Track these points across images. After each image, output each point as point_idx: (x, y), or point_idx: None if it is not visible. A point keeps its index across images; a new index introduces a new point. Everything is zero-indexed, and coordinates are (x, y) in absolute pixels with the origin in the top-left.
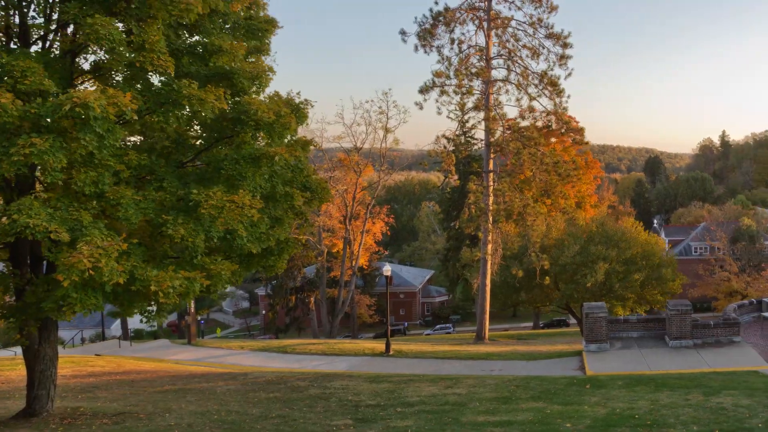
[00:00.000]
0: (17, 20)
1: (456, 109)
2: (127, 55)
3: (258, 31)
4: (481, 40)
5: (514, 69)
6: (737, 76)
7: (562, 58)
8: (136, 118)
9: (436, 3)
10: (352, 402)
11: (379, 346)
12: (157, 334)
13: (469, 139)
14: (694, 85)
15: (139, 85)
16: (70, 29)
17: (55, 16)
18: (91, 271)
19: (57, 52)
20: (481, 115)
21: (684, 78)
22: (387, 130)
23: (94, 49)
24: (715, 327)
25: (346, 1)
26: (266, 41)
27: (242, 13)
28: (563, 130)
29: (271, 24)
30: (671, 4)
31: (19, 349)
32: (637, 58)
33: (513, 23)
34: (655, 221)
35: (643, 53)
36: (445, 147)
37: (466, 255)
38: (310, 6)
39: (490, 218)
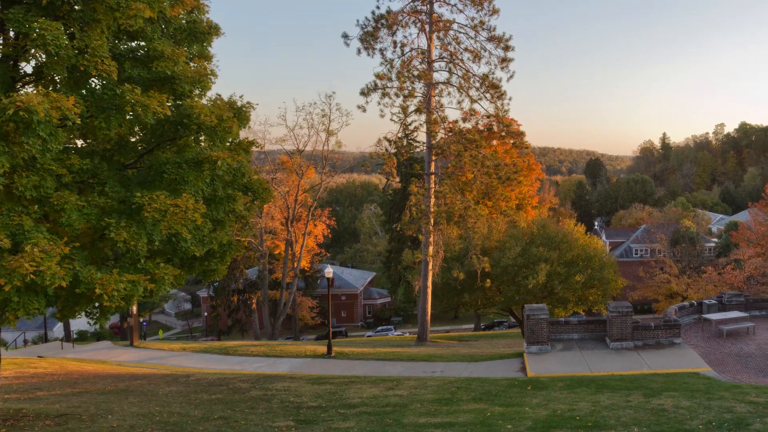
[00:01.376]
0: None
1: (398, 112)
2: (71, 59)
3: (200, 35)
4: (423, 42)
5: (455, 72)
6: (677, 79)
7: (504, 61)
8: (79, 122)
9: (378, 7)
10: (294, 403)
11: (321, 347)
12: (100, 336)
13: (411, 141)
14: (635, 88)
15: (84, 90)
16: (12, 33)
17: None
18: (32, 276)
19: None
20: (423, 117)
21: (624, 81)
22: (329, 133)
23: (37, 53)
24: (656, 329)
25: (290, 4)
26: (208, 47)
27: (184, 19)
28: (504, 133)
29: (213, 30)
30: (615, 6)
31: None
32: (578, 62)
33: (455, 26)
34: (596, 223)
35: (584, 57)
36: (387, 149)
37: (408, 257)
38: (254, 8)
39: (432, 220)
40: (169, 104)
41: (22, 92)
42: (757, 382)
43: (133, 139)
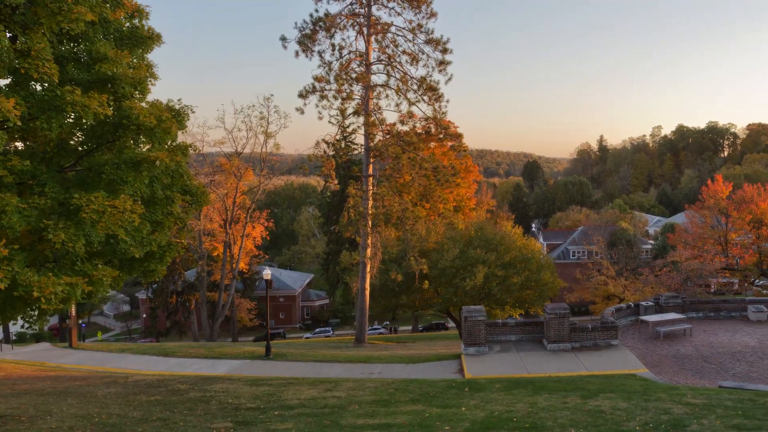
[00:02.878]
0: None
1: (336, 114)
2: (12, 62)
3: (141, 40)
4: (361, 45)
5: (393, 74)
6: (614, 81)
7: (442, 64)
8: (20, 123)
9: (317, 10)
10: (233, 405)
11: (259, 349)
12: (39, 337)
13: (349, 143)
14: (572, 91)
15: (24, 92)
16: None
17: None
18: None
19: None
20: (361, 119)
21: (561, 84)
22: (267, 135)
23: None
24: (593, 330)
25: (228, 9)
26: (147, 53)
27: (127, 24)
28: (442, 135)
29: (155, 38)
30: (553, 9)
31: None
32: (516, 65)
33: (393, 29)
34: (534, 225)
35: (521, 60)
36: (325, 151)
37: (346, 258)
38: (192, 12)
39: (370, 222)
40: (110, 106)
41: None
42: (694, 384)
43: (72, 141)
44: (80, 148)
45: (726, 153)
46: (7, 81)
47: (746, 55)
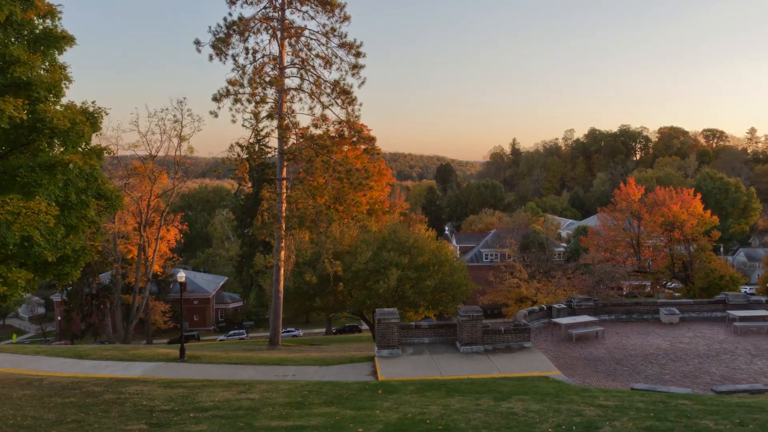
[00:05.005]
0: None
1: (250, 118)
2: None
3: (54, 41)
4: (275, 49)
5: (307, 78)
6: (528, 85)
7: (355, 68)
8: None
9: (231, 14)
10: (147, 407)
11: (174, 351)
12: None
13: (263, 146)
14: (485, 94)
15: None
16: None
17: None
18: None
19: None
20: (275, 123)
21: (475, 87)
22: (181, 138)
23: None
24: (506, 333)
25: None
26: (60, 54)
27: (40, 26)
28: (355, 139)
29: (68, 39)
30: (466, 14)
31: None
32: (429, 68)
33: (306, 32)
34: (447, 228)
35: (434, 63)
36: (238, 155)
37: (260, 261)
38: (106, 15)
39: (284, 225)
40: (25, 109)
41: None
42: (607, 386)
43: None
44: None
45: (638, 156)
46: None
47: (658, 59)
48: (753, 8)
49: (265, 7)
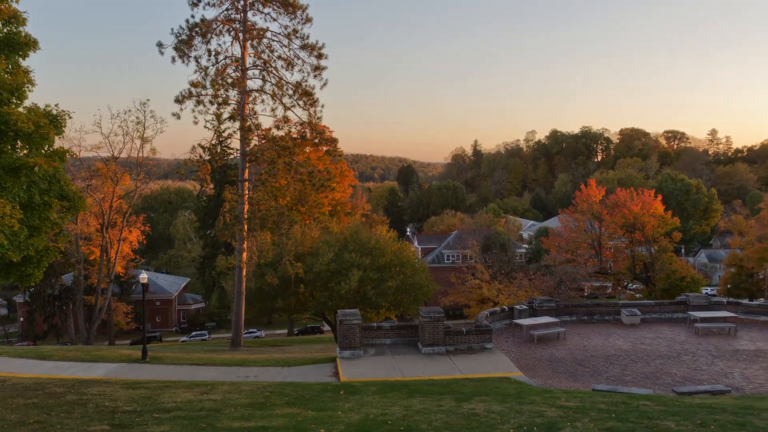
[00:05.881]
0: None
1: (212, 119)
2: None
3: (18, 46)
4: (237, 50)
5: (269, 79)
6: (489, 86)
7: (317, 69)
8: None
9: (193, 16)
10: (109, 408)
11: (136, 352)
12: None
13: (225, 148)
14: (447, 95)
15: None
16: None
17: None
18: None
19: None
20: (237, 124)
21: (436, 88)
22: (144, 140)
23: None
24: (468, 334)
25: (104, 12)
26: (23, 59)
27: (5, 30)
28: (317, 140)
29: (32, 44)
30: (425, 15)
31: None
32: (390, 70)
33: (269, 34)
34: (409, 229)
35: (396, 65)
36: (201, 156)
37: (222, 262)
38: (69, 17)
39: (246, 226)
40: None
41: None
42: (568, 387)
43: None
44: None
45: (600, 158)
46: None
47: (619, 61)
48: (713, 10)
49: (227, 9)
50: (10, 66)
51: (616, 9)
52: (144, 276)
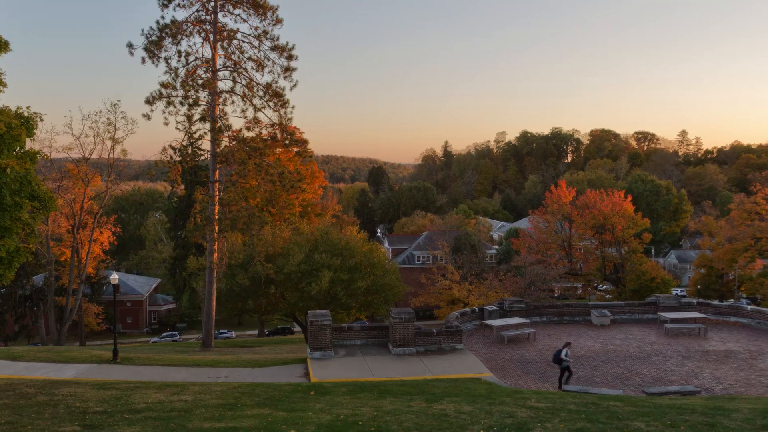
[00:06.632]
0: None
1: (183, 120)
2: None
3: None
4: (207, 52)
5: (240, 80)
6: (459, 88)
7: (287, 70)
8: None
9: (163, 17)
10: (80, 409)
11: (107, 353)
12: None
13: (195, 149)
14: (418, 97)
15: None
16: None
17: None
18: None
19: None
20: (208, 125)
21: (406, 90)
22: (115, 141)
23: None
24: (438, 335)
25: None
26: None
27: None
28: (288, 141)
29: (2, 46)
30: (393, 17)
31: None
32: (359, 71)
33: (239, 35)
34: (379, 230)
35: (365, 66)
36: (171, 157)
37: (193, 263)
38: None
39: (216, 227)
40: None
41: None
42: (538, 388)
43: None
44: None
45: (570, 159)
46: None
47: (589, 62)
48: (684, 12)
49: (197, 10)
50: None
51: (588, 10)
52: (115, 277)
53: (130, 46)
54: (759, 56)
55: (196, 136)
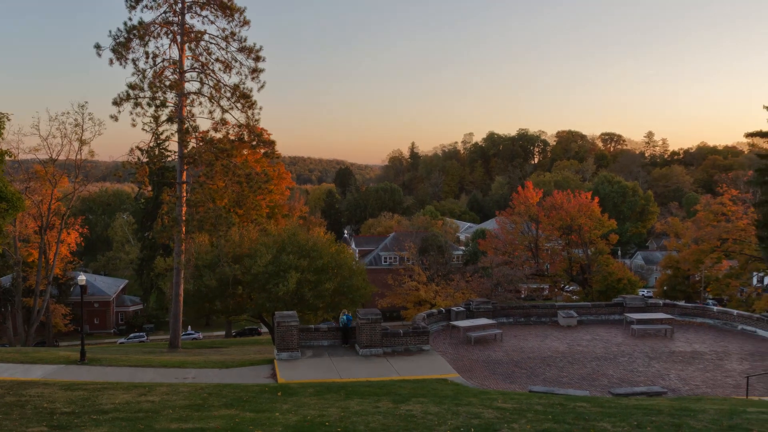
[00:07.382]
0: None
1: (150, 121)
2: None
3: None
4: (175, 53)
5: (207, 82)
6: (427, 88)
7: (255, 72)
8: None
9: (131, 18)
10: (48, 409)
11: (75, 354)
12: None
13: (163, 150)
14: (384, 98)
15: None
16: None
17: None
18: None
19: None
20: (175, 127)
21: (372, 91)
22: (82, 142)
23: None
24: (405, 336)
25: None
26: None
27: None
28: (255, 142)
29: None
30: (365, 18)
31: None
32: (327, 72)
33: (206, 37)
34: (346, 231)
35: (332, 67)
36: (139, 158)
37: (160, 264)
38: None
39: (184, 228)
40: None
41: None
42: (505, 388)
43: None
44: None
45: (537, 160)
46: None
47: (555, 63)
48: (647, 12)
49: (165, 12)
50: None
51: (553, 9)
52: (82, 278)
53: (97, 47)
54: (724, 57)
55: (163, 137)
